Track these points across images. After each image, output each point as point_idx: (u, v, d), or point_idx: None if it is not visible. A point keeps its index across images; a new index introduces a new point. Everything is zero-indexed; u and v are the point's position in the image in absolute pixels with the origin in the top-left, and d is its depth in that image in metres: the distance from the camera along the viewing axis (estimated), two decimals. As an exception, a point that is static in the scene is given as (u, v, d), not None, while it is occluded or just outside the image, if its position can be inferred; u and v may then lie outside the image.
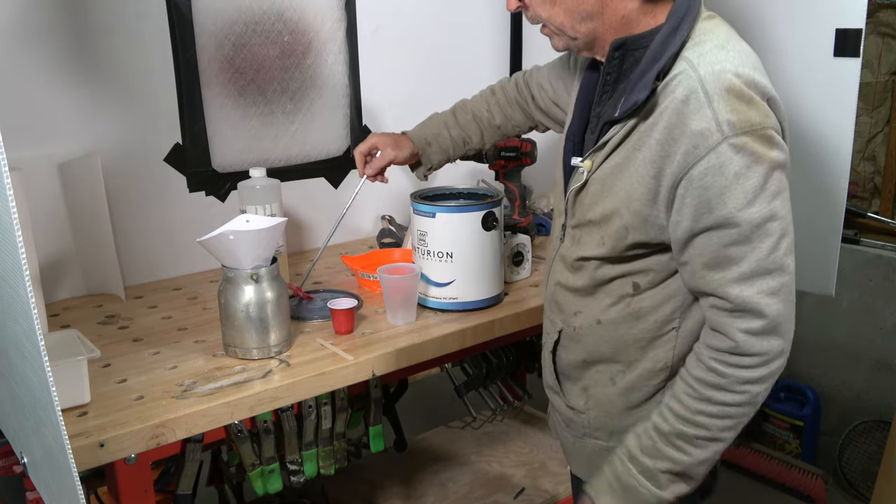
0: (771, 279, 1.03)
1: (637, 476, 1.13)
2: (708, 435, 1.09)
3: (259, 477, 1.37)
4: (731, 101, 1.00)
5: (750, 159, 1.00)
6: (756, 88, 1.03)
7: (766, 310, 1.03)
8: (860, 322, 2.66)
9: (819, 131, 1.65)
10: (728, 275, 1.04)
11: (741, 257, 1.02)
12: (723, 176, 1.00)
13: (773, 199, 1.01)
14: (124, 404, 1.22)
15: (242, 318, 1.34)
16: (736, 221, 1.01)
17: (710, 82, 1.01)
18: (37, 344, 0.78)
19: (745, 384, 1.06)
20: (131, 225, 1.78)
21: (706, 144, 1.00)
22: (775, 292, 1.03)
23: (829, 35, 1.58)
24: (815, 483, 2.63)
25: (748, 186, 1.00)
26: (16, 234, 0.74)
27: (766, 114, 1.02)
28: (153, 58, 1.75)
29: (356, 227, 2.16)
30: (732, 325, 1.05)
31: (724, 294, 1.05)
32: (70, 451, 0.82)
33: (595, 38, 1.13)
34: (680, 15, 1.07)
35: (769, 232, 1.02)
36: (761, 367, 1.06)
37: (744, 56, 1.05)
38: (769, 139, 1.01)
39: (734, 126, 0.99)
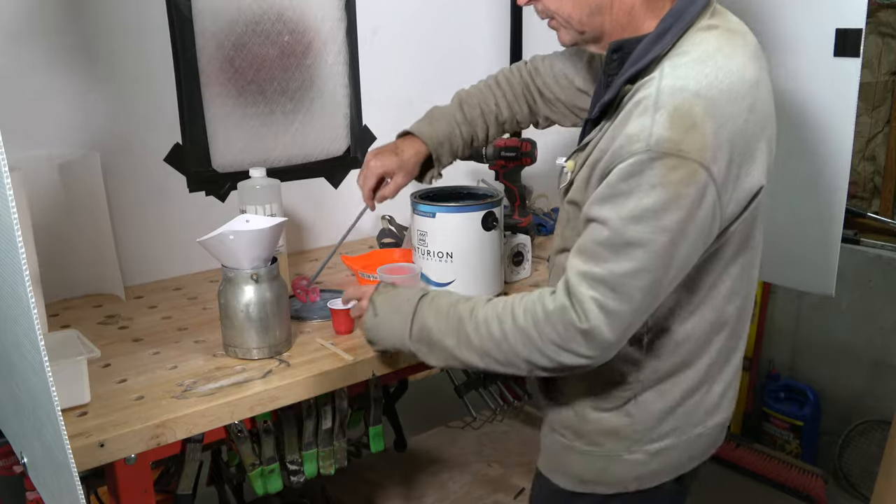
0: (612, 298, 1.01)
1: (415, 312, 1.18)
2: (471, 342, 1.12)
3: (259, 477, 1.37)
4: (674, 119, 0.96)
5: (657, 181, 0.96)
6: (713, 114, 0.97)
7: (591, 316, 1.02)
8: (860, 322, 2.66)
9: (819, 131, 1.65)
10: (583, 266, 1.03)
11: (601, 260, 1.01)
12: (627, 183, 0.98)
13: (661, 232, 0.98)
14: (124, 404, 1.22)
15: (242, 318, 1.34)
16: (613, 228, 0.99)
17: (664, 94, 0.99)
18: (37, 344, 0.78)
19: (532, 345, 1.07)
20: (131, 225, 1.78)
21: (631, 148, 0.98)
22: (607, 311, 1.01)
23: (829, 35, 1.58)
24: (815, 483, 2.63)
25: (642, 205, 0.97)
26: (16, 234, 0.74)
27: (702, 147, 0.96)
28: (153, 58, 1.75)
29: (356, 227, 2.15)
30: (561, 301, 1.04)
31: (570, 278, 1.04)
32: (70, 451, 0.82)
33: (603, 33, 1.13)
34: (669, 23, 1.06)
35: (636, 256, 0.99)
36: (555, 347, 1.05)
37: (722, 76, 1.00)
38: (690, 174, 0.96)
39: (661, 143, 0.96)
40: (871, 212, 2.88)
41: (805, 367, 2.86)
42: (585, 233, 1.05)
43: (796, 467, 2.71)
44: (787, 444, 2.83)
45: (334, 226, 2.12)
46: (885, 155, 2.97)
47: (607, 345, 1.04)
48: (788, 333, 2.89)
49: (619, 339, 1.05)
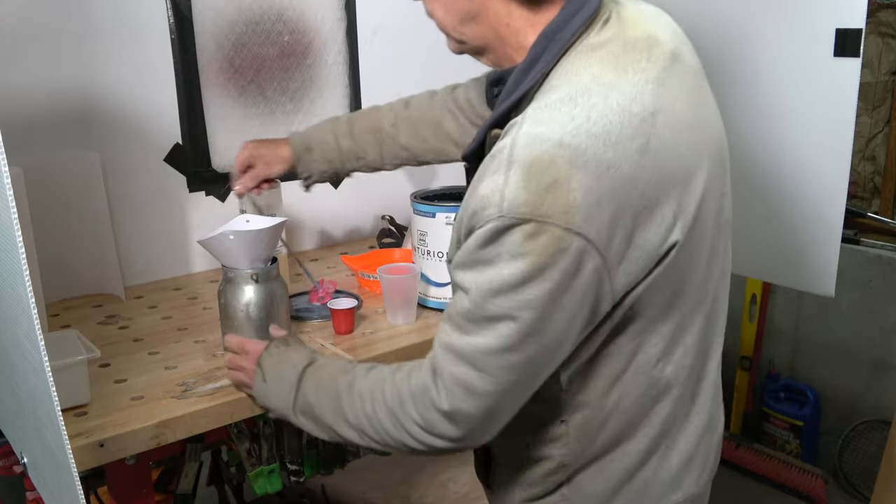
0: (476, 377, 0.89)
1: (299, 382, 1.10)
2: (348, 418, 1.03)
3: (259, 477, 1.37)
4: (530, 177, 0.81)
5: (517, 251, 0.82)
6: (583, 165, 0.81)
7: (454, 398, 0.91)
8: (860, 322, 2.66)
9: (819, 131, 1.65)
10: (447, 337, 0.92)
11: (463, 331, 0.90)
12: (485, 250, 0.85)
13: (524, 307, 0.84)
14: (124, 404, 1.22)
15: (242, 318, 1.33)
16: (472, 299, 0.87)
17: (520, 145, 0.83)
18: (37, 344, 0.78)
19: (401, 427, 0.97)
20: (131, 225, 1.78)
21: (484, 214, 0.84)
22: (471, 391, 0.90)
23: (829, 35, 1.58)
24: (815, 483, 2.63)
25: (502, 276, 0.84)
26: (16, 234, 0.74)
27: (566, 207, 0.80)
28: (153, 58, 1.75)
29: (356, 227, 2.16)
30: (424, 379, 0.94)
31: (435, 348, 0.94)
32: (70, 451, 0.82)
33: (485, 45, 0.97)
34: (542, 45, 0.90)
35: (499, 332, 0.86)
36: (421, 430, 0.95)
37: (595, 116, 0.83)
38: (554, 241, 0.81)
39: (516, 208, 0.81)
40: (871, 212, 2.88)
41: (805, 367, 2.86)
42: (453, 299, 0.94)
43: (796, 467, 2.71)
44: (787, 444, 2.83)
45: (334, 226, 2.12)
46: (885, 155, 2.97)
47: (474, 426, 0.92)
48: (788, 333, 2.89)
49: (488, 421, 0.93)
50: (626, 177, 0.82)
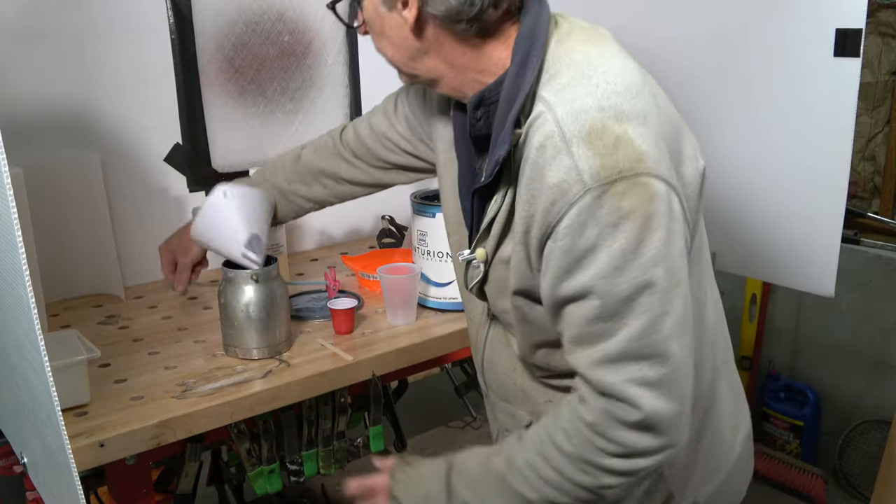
0: (647, 367, 0.85)
1: (448, 492, 1.01)
2: (525, 497, 0.94)
3: (259, 477, 1.37)
4: (594, 145, 0.84)
5: (618, 215, 0.82)
6: (628, 117, 0.86)
7: (640, 402, 0.86)
8: (860, 322, 2.66)
9: (819, 131, 1.65)
10: (592, 353, 0.87)
11: (607, 335, 0.86)
12: (584, 237, 0.84)
13: (651, 266, 0.83)
14: (124, 404, 1.22)
15: (242, 318, 1.34)
16: (599, 292, 0.85)
17: (568, 124, 0.85)
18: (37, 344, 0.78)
19: (595, 468, 0.90)
20: (131, 225, 1.78)
21: (565, 199, 0.84)
22: (652, 384, 0.86)
23: (829, 35, 1.58)
24: (815, 483, 2.63)
25: (615, 249, 0.83)
26: (16, 234, 0.74)
27: (638, 156, 0.84)
28: (153, 58, 1.75)
29: (356, 227, 2.16)
30: (597, 405, 0.89)
31: (588, 376, 0.89)
32: (70, 451, 0.82)
33: (440, 77, 0.99)
34: (525, 47, 0.93)
35: (643, 307, 0.84)
36: (621, 459, 0.89)
37: (612, 78, 0.89)
38: (644, 188, 0.83)
39: (598, 175, 0.83)
40: (871, 212, 2.88)
41: (805, 367, 2.86)
42: (566, 320, 0.89)
43: (796, 467, 2.71)
44: (787, 444, 2.83)
45: (334, 226, 2.12)
46: (885, 155, 2.97)
47: (672, 420, 0.87)
48: (788, 333, 2.89)
49: (682, 405, 0.88)
50: (656, 120, 0.89)
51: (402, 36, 0.97)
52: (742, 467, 1.16)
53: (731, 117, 1.77)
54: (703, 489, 1.09)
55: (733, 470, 1.13)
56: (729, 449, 1.12)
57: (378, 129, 1.33)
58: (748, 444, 1.17)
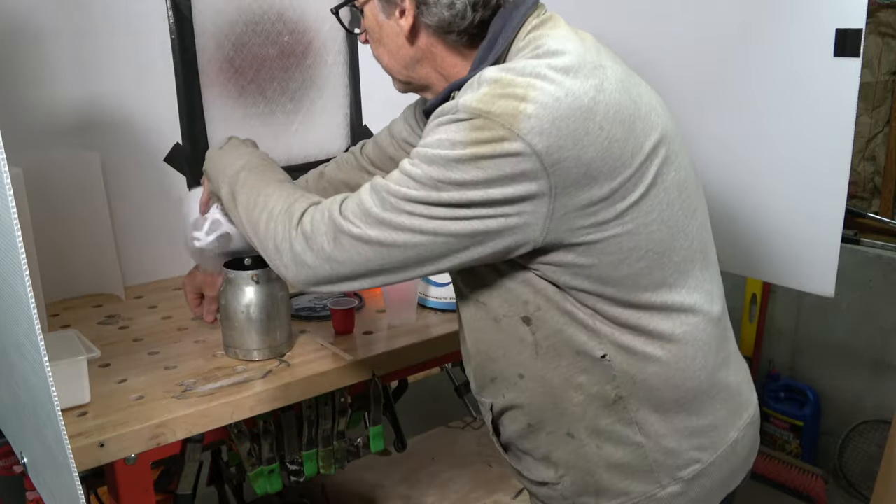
0: (377, 207, 0.95)
1: None
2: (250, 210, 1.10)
3: (259, 477, 1.37)
4: (493, 89, 0.91)
5: (461, 138, 0.90)
6: (541, 86, 0.90)
7: (348, 212, 0.98)
8: (860, 322, 2.66)
9: (819, 131, 1.65)
10: (350, 201, 1.00)
11: (392, 178, 0.96)
12: (435, 132, 0.93)
13: (448, 184, 0.91)
14: (124, 404, 1.22)
15: (243, 319, 1.34)
16: (412, 161, 0.95)
17: (486, 73, 0.94)
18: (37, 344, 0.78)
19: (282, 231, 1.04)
20: (131, 225, 1.78)
21: (444, 112, 0.94)
22: (363, 215, 0.97)
23: (829, 35, 1.58)
24: (815, 483, 2.63)
25: (440, 153, 0.92)
26: (16, 234, 0.74)
27: (514, 113, 0.89)
28: (153, 58, 1.75)
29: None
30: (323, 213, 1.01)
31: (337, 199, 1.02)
32: (70, 451, 0.82)
33: (431, 83, 1.10)
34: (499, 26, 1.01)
35: (414, 188, 0.93)
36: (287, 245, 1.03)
37: (557, 60, 0.94)
38: (497, 137, 0.89)
39: (468, 106, 0.91)
40: (871, 212, 2.88)
41: (805, 367, 2.86)
42: None
43: (796, 467, 2.71)
44: (787, 444, 2.83)
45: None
46: (885, 155, 2.97)
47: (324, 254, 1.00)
48: (788, 333, 2.89)
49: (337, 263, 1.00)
50: (584, 107, 0.91)
51: (398, 44, 1.07)
52: (738, 456, 1.15)
53: (730, 117, 1.77)
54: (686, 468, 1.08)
55: (724, 457, 1.11)
56: (723, 432, 1.11)
57: (399, 135, 1.40)
58: (749, 434, 1.16)
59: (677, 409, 1.06)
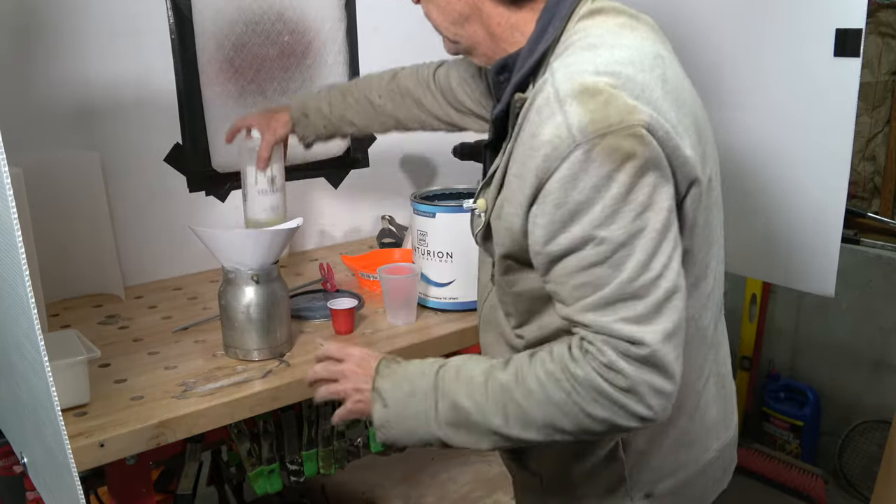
0: (640, 304, 0.86)
1: (436, 389, 0.98)
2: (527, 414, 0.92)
3: (259, 477, 1.37)
4: (585, 102, 0.85)
5: (609, 168, 0.84)
6: (623, 82, 0.87)
7: (635, 335, 0.86)
8: (860, 322, 2.66)
9: (819, 131, 1.65)
10: (588, 301, 0.88)
11: (604, 281, 0.87)
12: (576, 190, 0.85)
13: (643, 210, 0.85)
14: (124, 404, 1.22)
15: (243, 319, 1.34)
16: (596, 240, 0.86)
17: (562, 84, 0.88)
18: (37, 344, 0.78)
19: (603, 396, 0.88)
20: (131, 225, 1.78)
21: (556, 154, 0.85)
22: (644, 320, 0.86)
23: (829, 35, 1.58)
24: (815, 483, 2.63)
25: (608, 198, 0.85)
26: (16, 234, 0.74)
27: (628, 109, 0.85)
28: (153, 58, 1.75)
29: (356, 227, 2.16)
30: (600, 342, 0.88)
31: (584, 321, 0.89)
32: (70, 451, 0.82)
33: (476, 43, 1.05)
34: (546, 19, 0.98)
35: (635, 250, 0.86)
36: (622, 394, 0.87)
37: (618, 52, 0.91)
38: (635, 139, 0.85)
39: (586, 130, 0.84)
40: (871, 212, 2.88)
41: (805, 367, 2.86)
42: (560, 274, 0.90)
43: (796, 467, 2.71)
44: (787, 444, 2.83)
45: (334, 226, 2.12)
46: (885, 155, 2.97)
47: (671, 355, 0.88)
48: (788, 333, 2.89)
49: (676, 351, 0.89)
50: (661, 97, 0.89)
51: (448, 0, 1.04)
52: (711, 476, 1.14)
53: (730, 117, 1.77)
54: (659, 484, 1.08)
55: (699, 474, 1.11)
56: (700, 451, 1.11)
57: (465, 74, 1.44)
58: (726, 455, 1.16)
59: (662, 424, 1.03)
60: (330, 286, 1.68)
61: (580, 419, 0.90)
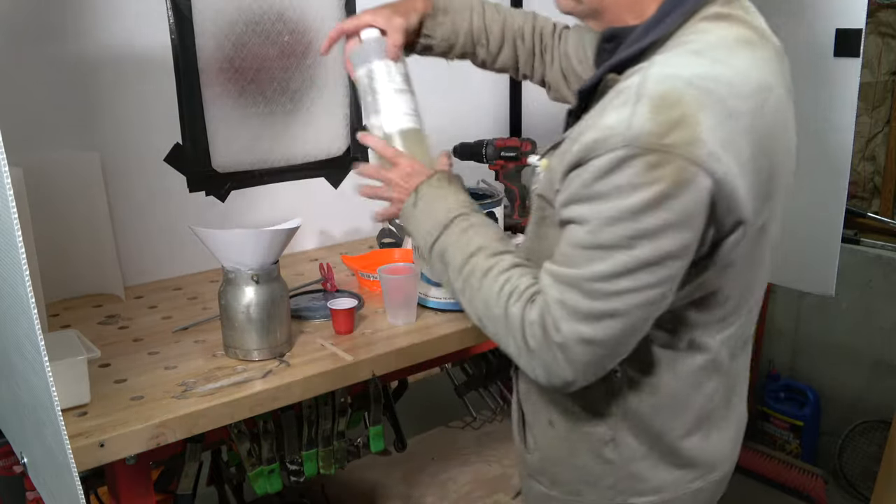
0: (584, 302, 0.89)
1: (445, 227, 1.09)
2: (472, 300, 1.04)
3: (259, 477, 1.37)
4: (657, 110, 0.83)
5: (638, 180, 0.84)
6: (711, 102, 0.85)
7: (560, 321, 0.91)
8: (860, 322, 2.66)
9: (819, 131, 1.65)
10: (557, 268, 0.93)
11: (574, 263, 0.90)
12: (602, 182, 0.86)
13: (641, 237, 0.85)
14: (124, 404, 1.22)
15: (243, 319, 1.33)
16: (589, 228, 0.88)
17: (651, 82, 0.86)
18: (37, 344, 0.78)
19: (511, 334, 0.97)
20: (131, 225, 1.78)
21: (606, 144, 0.85)
22: (576, 316, 0.90)
23: (829, 35, 1.58)
24: (815, 483, 2.63)
25: (621, 206, 0.85)
26: (16, 234, 0.74)
27: (692, 140, 0.83)
28: (153, 58, 1.75)
29: (356, 227, 2.16)
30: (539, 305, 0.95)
31: (543, 277, 0.95)
32: (70, 451, 0.82)
33: (603, 8, 1.00)
34: (668, 8, 0.94)
35: (615, 260, 0.87)
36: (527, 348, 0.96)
37: (721, 67, 0.88)
38: (679, 171, 0.83)
39: (639, 136, 0.83)
40: (871, 212, 2.88)
41: (805, 367, 2.86)
42: (563, 236, 0.94)
43: (796, 467, 2.71)
44: (787, 444, 2.83)
45: (334, 226, 2.12)
46: (885, 155, 2.97)
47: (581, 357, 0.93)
48: (788, 333, 2.89)
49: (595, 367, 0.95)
50: (744, 129, 0.86)
51: None
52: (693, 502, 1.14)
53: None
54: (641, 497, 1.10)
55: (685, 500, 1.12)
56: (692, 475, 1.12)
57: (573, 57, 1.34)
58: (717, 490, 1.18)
59: (657, 440, 1.07)
60: (330, 286, 1.68)
61: (497, 334, 1.01)
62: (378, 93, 1.28)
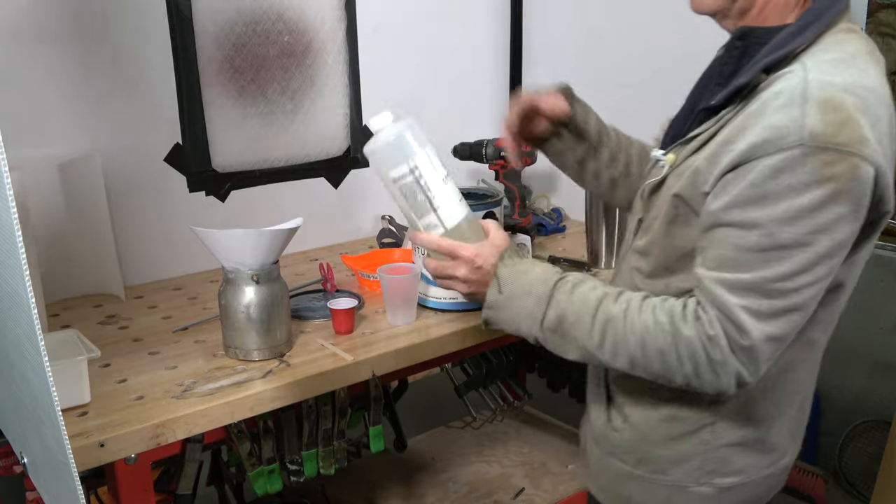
0: (766, 303, 0.93)
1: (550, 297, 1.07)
2: (617, 348, 1.03)
3: (259, 477, 1.37)
4: (826, 112, 0.89)
5: (813, 178, 0.89)
6: (866, 107, 0.91)
7: (746, 325, 0.94)
8: (860, 322, 2.66)
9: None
10: (726, 275, 0.95)
11: (749, 267, 0.94)
12: (775, 181, 0.90)
13: (818, 232, 0.91)
14: (124, 404, 1.22)
15: (243, 319, 1.34)
16: (764, 231, 0.92)
17: (813, 87, 0.91)
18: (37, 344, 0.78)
19: (691, 361, 0.98)
20: (131, 225, 1.78)
21: (778, 143, 0.90)
22: (761, 317, 0.94)
23: (830, 35, 1.58)
24: (815, 483, 2.63)
25: (796, 205, 0.90)
26: (16, 234, 0.74)
27: (860, 138, 0.89)
28: (153, 58, 1.75)
29: (356, 227, 2.16)
30: (713, 314, 0.96)
31: (710, 290, 0.96)
32: (70, 451, 0.82)
33: (753, 5, 1.03)
34: (810, 19, 0.99)
35: (793, 259, 0.92)
36: (712, 366, 0.97)
37: (866, 77, 0.95)
38: (851, 167, 0.89)
39: (816, 136, 0.89)
40: (871, 212, 2.88)
41: (805, 367, 2.86)
42: (716, 239, 0.96)
43: (796, 467, 2.71)
44: (787, 444, 2.83)
45: (334, 226, 2.12)
46: (885, 155, 2.97)
47: (766, 355, 0.97)
48: (788, 333, 2.89)
49: (776, 349, 0.98)
50: (885, 133, 0.94)
51: None
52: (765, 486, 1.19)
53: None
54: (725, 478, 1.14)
55: (759, 483, 1.17)
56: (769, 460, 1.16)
57: None
58: (782, 477, 1.23)
59: (755, 425, 1.12)
60: (330, 286, 1.68)
61: (668, 368, 1.00)
62: (430, 189, 1.16)
